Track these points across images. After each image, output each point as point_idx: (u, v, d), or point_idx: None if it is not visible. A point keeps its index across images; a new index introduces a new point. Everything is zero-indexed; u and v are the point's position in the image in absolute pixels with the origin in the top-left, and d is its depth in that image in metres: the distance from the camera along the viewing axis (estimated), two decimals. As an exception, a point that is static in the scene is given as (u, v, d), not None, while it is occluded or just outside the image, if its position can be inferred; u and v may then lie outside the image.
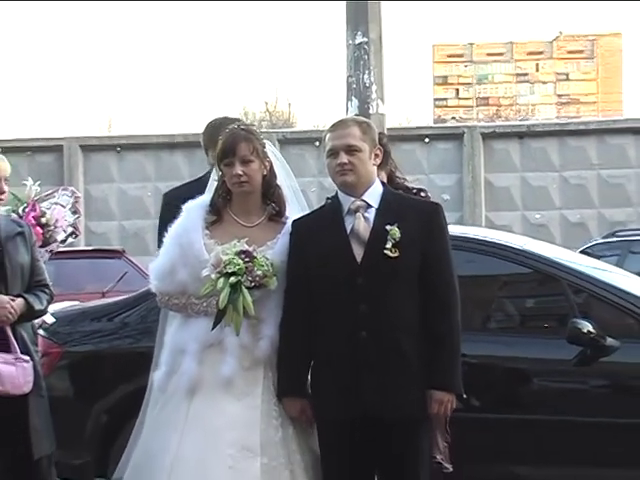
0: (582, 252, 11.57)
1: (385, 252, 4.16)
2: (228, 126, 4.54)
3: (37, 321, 5.26)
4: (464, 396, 4.28)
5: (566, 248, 7.19)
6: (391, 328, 4.18)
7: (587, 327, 5.08)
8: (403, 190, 5.31)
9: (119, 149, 19.09)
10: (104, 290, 11.17)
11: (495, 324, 5.72)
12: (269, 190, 4.44)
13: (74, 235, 6.11)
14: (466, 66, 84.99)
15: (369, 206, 4.28)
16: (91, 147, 19.30)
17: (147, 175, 18.81)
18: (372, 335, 4.18)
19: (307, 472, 4.30)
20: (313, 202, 5.92)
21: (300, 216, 4.43)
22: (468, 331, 4.48)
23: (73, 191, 6.23)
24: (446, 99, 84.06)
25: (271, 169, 4.44)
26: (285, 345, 4.30)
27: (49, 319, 5.73)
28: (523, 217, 18.35)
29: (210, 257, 4.27)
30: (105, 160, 19.02)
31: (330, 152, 4.28)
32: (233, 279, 4.19)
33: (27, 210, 5.78)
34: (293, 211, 4.48)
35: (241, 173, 4.33)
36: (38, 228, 5.71)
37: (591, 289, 5.37)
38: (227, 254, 4.23)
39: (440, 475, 4.45)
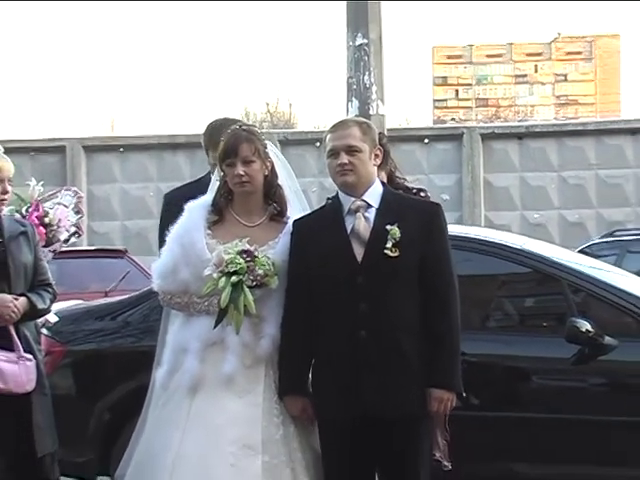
0: (580, 251, 11.56)
1: (385, 252, 4.17)
2: (228, 127, 4.55)
3: (40, 320, 5.27)
4: (464, 394, 4.29)
5: (565, 248, 7.20)
6: (391, 328, 4.19)
7: (585, 326, 5.10)
8: (403, 190, 5.31)
9: (122, 150, 19.04)
10: (107, 289, 11.12)
11: (494, 323, 5.73)
12: (270, 190, 4.44)
13: (77, 235, 6.13)
14: (465, 67, 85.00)
15: (369, 206, 4.28)
16: (94, 148, 19.25)
17: (149, 175, 18.78)
18: (372, 335, 4.18)
19: (308, 470, 4.30)
20: (314, 202, 5.96)
21: (301, 216, 4.43)
22: (468, 330, 4.49)
23: (76, 191, 6.24)
24: (445, 100, 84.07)
25: (272, 169, 4.44)
26: (286, 343, 4.30)
27: (52, 318, 5.75)
28: (522, 217, 18.34)
29: (212, 256, 4.27)
30: (108, 160, 18.97)
31: (331, 152, 4.29)
32: (235, 278, 4.20)
33: (30, 210, 5.80)
34: (294, 211, 4.48)
35: (243, 173, 4.33)
36: (41, 228, 5.72)
37: (589, 288, 5.38)
38: (229, 253, 4.23)
39: (439, 472, 4.43)
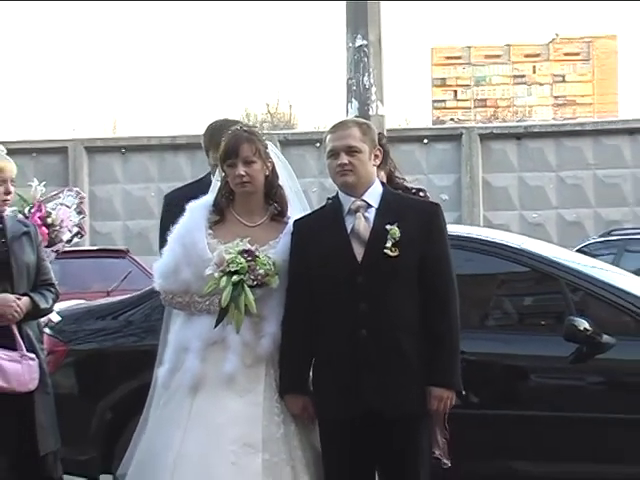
0: (578, 251, 11.58)
1: (385, 251, 4.17)
2: (228, 128, 4.56)
3: (43, 319, 5.29)
4: (463, 393, 4.31)
5: (563, 247, 7.21)
6: (391, 327, 4.19)
7: (583, 325, 5.11)
8: (402, 190, 5.32)
9: (123, 150, 19.07)
10: (109, 289, 11.12)
11: (493, 322, 5.74)
12: (271, 190, 4.45)
13: (79, 235, 6.14)
14: (464, 68, 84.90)
15: (369, 206, 4.29)
16: (96, 149, 19.28)
17: (151, 176, 18.81)
18: (372, 334, 4.19)
19: (308, 468, 4.31)
20: (314, 202, 5.98)
21: (301, 216, 4.44)
22: (467, 328, 4.50)
23: (78, 192, 6.25)
24: (444, 101, 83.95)
25: (273, 170, 4.46)
26: (287, 343, 4.31)
27: (55, 317, 5.77)
28: (520, 216, 18.36)
29: (213, 256, 4.28)
30: (110, 161, 19.00)
31: (331, 153, 4.30)
32: (236, 278, 4.21)
33: (33, 211, 5.81)
34: (295, 211, 4.49)
35: (244, 174, 4.34)
36: (44, 228, 5.74)
37: (587, 287, 5.39)
38: (230, 253, 4.24)
39: (439, 470, 4.43)
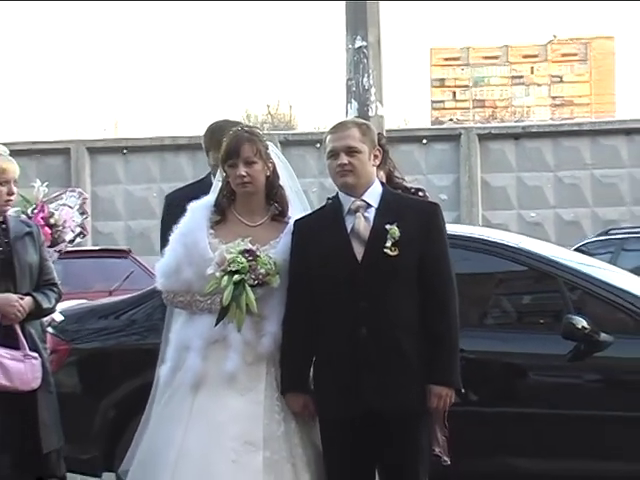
0: (576, 250, 11.61)
1: (385, 251, 4.19)
2: (228, 129, 4.58)
3: (46, 319, 5.31)
4: (462, 391, 4.33)
5: (561, 246, 7.24)
6: (391, 326, 4.21)
7: (581, 323, 5.13)
8: (402, 190, 5.34)
9: (125, 151, 19.07)
10: (111, 289, 11.12)
11: (492, 320, 5.76)
12: (272, 191, 4.47)
13: (82, 235, 6.16)
14: (463, 69, 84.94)
15: (369, 206, 4.30)
16: (98, 149, 19.28)
17: (152, 176, 18.81)
18: (372, 333, 4.20)
19: (309, 466, 4.33)
20: (314, 202, 5.99)
21: (302, 216, 4.45)
22: (466, 327, 4.51)
23: (80, 192, 6.28)
24: (443, 101, 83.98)
25: (274, 170, 4.47)
26: (288, 342, 4.33)
27: (57, 317, 5.78)
28: (519, 216, 18.37)
29: (214, 256, 4.30)
30: (111, 162, 19.00)
31: (330, 153, 4.31)
32: (237, 277, 4.22)
33: (36, 211, 5.83)
34: (295, 211, 4.51)
35: (244, 174, 4.36)
36: (47, 228, 5.76)
37: (585, 286, 5.41)
38: (231, 253, 4.26)
39: (439, 467, 4.44)
